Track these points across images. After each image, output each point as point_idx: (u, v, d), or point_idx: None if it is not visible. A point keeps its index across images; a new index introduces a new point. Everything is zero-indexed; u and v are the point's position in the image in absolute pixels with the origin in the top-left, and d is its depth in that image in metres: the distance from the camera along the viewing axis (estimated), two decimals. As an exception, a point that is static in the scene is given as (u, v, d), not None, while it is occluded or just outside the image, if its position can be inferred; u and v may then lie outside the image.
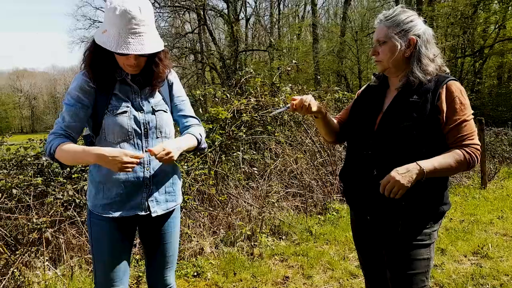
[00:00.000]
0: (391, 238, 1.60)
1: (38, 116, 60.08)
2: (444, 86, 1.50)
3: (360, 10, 21.62)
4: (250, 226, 3.99)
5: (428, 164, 1.44)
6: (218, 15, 21.10)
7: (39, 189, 3.17)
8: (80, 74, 1.68)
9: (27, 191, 3.11)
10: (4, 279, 2.77)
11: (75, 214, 3.17)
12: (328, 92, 6.61)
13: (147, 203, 1.72)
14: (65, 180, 3.35)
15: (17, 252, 2.88)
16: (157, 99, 1.74)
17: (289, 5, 24.30)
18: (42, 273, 2.90)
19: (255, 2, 21.36)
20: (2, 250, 2.89)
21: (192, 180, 4.09)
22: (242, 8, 21.44)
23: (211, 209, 4.12)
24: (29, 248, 2.88)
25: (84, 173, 3.44)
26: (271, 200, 4.41)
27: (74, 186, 3.20)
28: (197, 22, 21.38)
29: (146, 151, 1.64)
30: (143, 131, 1.68)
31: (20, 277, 2.79)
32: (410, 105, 1.51)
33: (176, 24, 21.72)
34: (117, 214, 1.68)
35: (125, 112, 1.65)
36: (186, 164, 4.19)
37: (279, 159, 4.94)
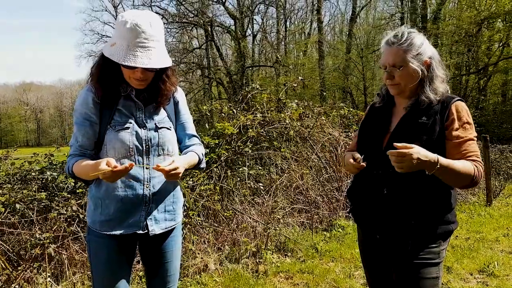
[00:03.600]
0: (400, 256, 1.57)
1: (43, 130, 60.74)
2: (451, 106, 1.51)
3: (365, 27, 21.82)
4: (255, 243, 3.93)
5: (444, 160, 1.42)
6: (226, 31, 21.41)
7: (42, 204, 3.15)
8: (85, 89, 1.67)
9: (31, 206, 3.09)
10: (5, 295, 2.74)
11: (79, 229, 3.14)
12: (334, 108, 6.60)
13: (146, 221, 1.67)
14: (69, 195, 3.33)
15: (19, 268, 2.85)
16: (161, 116, 1.72)
17: (296, 23, 24.60)
18: (43, 289, 2.86)
19: (262, 19, 21.67)
20: (4, 266, 2.86)
21: (197, 196, 4.05)
22: (249, 25, 21.74)
23: (216, 225, 4.08)
24: (32, 264, 2.85)
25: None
26: (277, 216, 4.36)
27: (78, 201, 3.18)
28: (204, 38, 21.69)
29: (152, 168, 1.60)
30: (144, 148, 1.65)
31: (22, 293, 2.75)
32: (419, 127, 1.51)
33: (183, 39, 22.05)
34: (115, 232, 1.64)
35: (127, 128, 1.63)
36: (191, 179, 4.16)
37: (285, 174, 4.90)
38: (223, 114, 5.16)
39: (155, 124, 1.69)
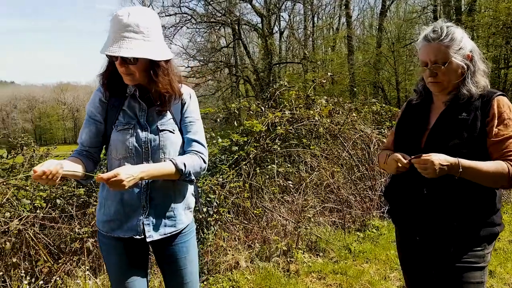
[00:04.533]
0: (442, 259, 1.51)
1: (80, 128, 62.90)
2: (493, 101, 1.44)
3: (396, 21, 21.22)
4: (286, 241, 3.91)
5: (466, 161, 1.38)
6: (253, 29, 21.41)
7: (81, 199, 3.27)
8: (96, 89, 1.70)
9: (70, 201, 3.21)
10: (47, 286, 2.86)
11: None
12: (366, 104, 6.46)
13: (143, 226, 1.63)
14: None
15: (59, 261, 2.97)
16: (165, 119, 1.67)
17: (323, 18, 24.26)
18: (82, 282, 2.97)
19: (289, 16, 21.51)
20: (46, 259, 2.99)
21: (227, 193, 4.08)
22: (276, 22, 21.64)
23: (246, 222, 4.09)
24: (71, 257, 2.96)
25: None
26: (307, 215, 4.32)
27: (114, 197, 3.27)
28: (232, 37, 21.79)
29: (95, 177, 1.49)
30: (143, 150, 1.61)
31: (62, 286, 2.87)
32: (459, 123, 1.45)
33: (211, 39, 22.24)
34: (115, 234, 1.64)
35: (127, 129, 1.62)
36: (221, 176, 4.20)
37: (315, 172, 4.84)
38: (252, 112, 5.17)
39: (157, 126, 1.64)
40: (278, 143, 4.52)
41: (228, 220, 3.95)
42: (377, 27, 21.15)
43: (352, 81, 18.36)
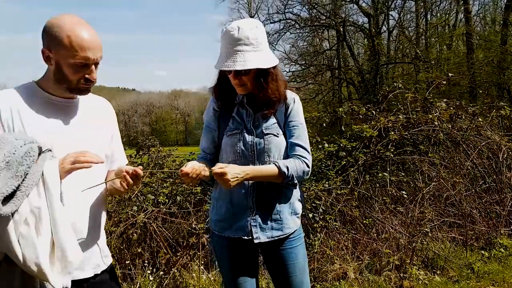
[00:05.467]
0: None
1: (190, 131, 68.63)
2: None
3: (527, 13, 18.37)
4: (399, 256, 3.63)
5: None
6: (358, 30, 20.68)
7: (198, 197, 3.49)
8: (211, 99, 1.84)
9: (188, 198, 3.45)
10: (166, 278, 3.10)
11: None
12: (493, 108, 5.68)
13: (250, 227, 1.68)
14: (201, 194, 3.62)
15: (178, 254, 3.20)
16: (270, 123, 1.73)
17: (438, 15, 22.23)
18: (196, 275, 3.15)
19: (399, 14, 20.18)
20: (166, 251, 3.25)
21: (334, 200, 3.95)
22: (385, 21, 20.53)
23: (354, 232, 3.91)
24: (188, 251, 3.17)
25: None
26: (424, 229, 3.95)
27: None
28: (336, 39, 21.38)
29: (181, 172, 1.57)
30: (250, 153, 1.69)
31: (179, 278, 3.08)
32: None
33: (314, 42, 22.13)
34: (225, 233, 1.73)
35: (236, 134, 1.71)
36: (327, 182, 4.09)
37: (433, 183, 4.41)
38: (361, 116, 4.93)
39: (262, 130, 1.71)
40: (392, 150, 4.22)
41: (335, 228, 3.82)
42: (501, 22, 18.58)
43: (472, 82, 16.43)
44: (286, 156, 1.73)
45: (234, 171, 1.54)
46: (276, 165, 1.65)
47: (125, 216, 3.28)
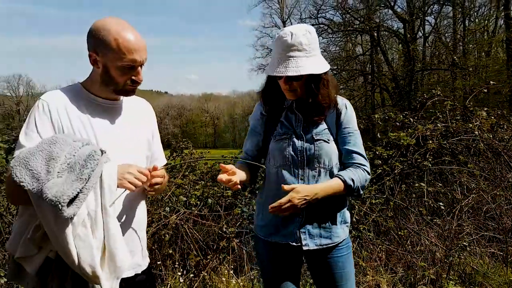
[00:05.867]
0: None
1: (218, 134, 69.40)
2: None
3: None
4: (435, 269, 3.48)
5: None
6: (393, 35, 20.24)
7: (228, 201, 3.49)
8: (258, 103, 1.84)
9: (219, 202, 3.46)
10: (196, 280, 3.10)
11: (256, 228, 3.34)
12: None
13: (299, 234, 1.66)
14: (249, 195, 3.59)
15: (208, 257, 3.20)
16: (320, 128, 1.70)
17: (476, 20, 21.42)
18: (226, 280, 3.14)
19: (435, 19, 19.60)
20: (196, 253, 3.26)
21: (368, 209, 3.85)
22: (420, 27, 19.99)
23: (388, 243, 3.78)
24: (218, 255, 3.16)
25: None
26: (462, 242, 3.77)
27: (257, 202, 3.40)
28: (369, 44, 21.01)
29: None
30: (299, 159, 1.67)
31: (209, 281, 3.08)
32: None
33: (347, 47, 21.85)
34: (271, 239, 1.71)
35: (285, 138, 1.70)
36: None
37: (472, 195, 4.21)
38: (397, 123, 4.79)
39: (312, 136, 1.68)
40: (429, 159, 4.07)
41: (369, 239, 3.71)
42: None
43: (513, 91, 15.67)
44: (341, 163, 1.71)
45: (302, 194, 1.54)
46: (341, 178, 1.62)
47: (158, 217, 3.32)
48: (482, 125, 4.64)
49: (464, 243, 3.78)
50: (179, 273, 3.11)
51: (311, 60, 1.59)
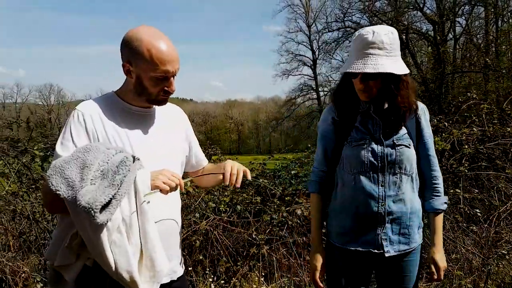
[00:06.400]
0: None
1: (243, 140, 69.76)
2: None
3: None
4: (472, 278, 3.35)
5: None
6: (422, 37, 19.78)
7: (257, 207, 3.48)
8: (327, 108, 1.77)
9: (248, 208, 3.46)
10: (227, 286, 3.11)
11: (287, 234, 3.33)
12: None
13: (381, 240, 1.63)
14: (278, 201, 3.58)
15: (238, 264, 3.20)
16: (400, 133, 1.64)
17: (510, 21, 20.64)
18: (256, 286, 3.12)
19: (467, 21, 19.01)
20: (226, 259, 3.27)
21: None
22: (451, 29, 19.44)
23: (423, 251, 3.67)
24: (248, 262, 3.16)
25: (294, 197, 3.61)
26: (501, 251, 3.62)
27: (287, 208, 3.38)
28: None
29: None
30: (379, 165, 1.62)
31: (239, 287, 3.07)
32: None
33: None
34: (349, 247, 1.66)
35: (363, 144, 1.64)
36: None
37: (510, 201, 4.04)
38: (432, 128, 4.65)
39: (393, 141, 1.63)
40: (465, 164, 3.93)
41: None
42: None
43: (551, 93, 14.95)
44: (420, 168, 1.71)
45: (443, 263, 1.68)
46: (438, 212, 1.69)
47: (187, 223, 3.36)
48: (519, 129, 4.46)
49: (503, 251, 3.63)
50: (210, 279, 3.12)
51: (391, 60, 1.53)
